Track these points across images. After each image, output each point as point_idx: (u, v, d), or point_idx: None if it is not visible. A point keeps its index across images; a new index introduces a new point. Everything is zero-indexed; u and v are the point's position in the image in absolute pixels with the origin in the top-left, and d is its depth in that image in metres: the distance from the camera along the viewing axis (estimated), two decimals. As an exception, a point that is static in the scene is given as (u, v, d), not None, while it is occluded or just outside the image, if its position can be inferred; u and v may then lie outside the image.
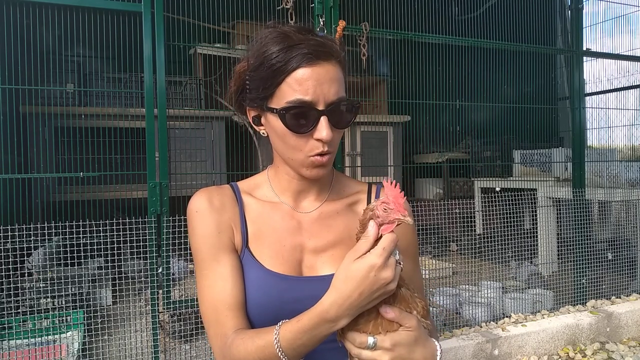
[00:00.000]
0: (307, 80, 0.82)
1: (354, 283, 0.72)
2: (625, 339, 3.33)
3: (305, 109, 0.83)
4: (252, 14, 2.91)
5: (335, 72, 0.86)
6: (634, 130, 4.33)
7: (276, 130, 0.88)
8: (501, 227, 3.36)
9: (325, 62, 0.84)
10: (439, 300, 3.29)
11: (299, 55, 0.82)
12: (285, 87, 0.84)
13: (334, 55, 0.86)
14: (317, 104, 0.84)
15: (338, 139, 0.89)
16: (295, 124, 0.84)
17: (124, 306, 2.65)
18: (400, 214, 0.73)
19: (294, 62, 0.82)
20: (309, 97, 0.83)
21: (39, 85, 2.78)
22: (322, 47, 0.84)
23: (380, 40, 3.58)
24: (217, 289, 0.87)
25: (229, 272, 0.88)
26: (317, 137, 0.84)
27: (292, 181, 0.95)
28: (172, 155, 3.06)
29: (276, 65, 0.83)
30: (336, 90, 0.85)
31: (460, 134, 5.22)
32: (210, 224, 0.91)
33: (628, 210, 3.99)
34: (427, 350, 0.78)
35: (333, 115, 0.85)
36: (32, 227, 2.18)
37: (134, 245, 2.36)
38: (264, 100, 0.88)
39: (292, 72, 0.83)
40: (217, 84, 3.60)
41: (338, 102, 0.85)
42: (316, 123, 0.84)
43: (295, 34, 0.85)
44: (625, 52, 4.36)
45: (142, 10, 2.39)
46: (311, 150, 0.86)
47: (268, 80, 0.85)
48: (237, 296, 0.87)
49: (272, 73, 0.84)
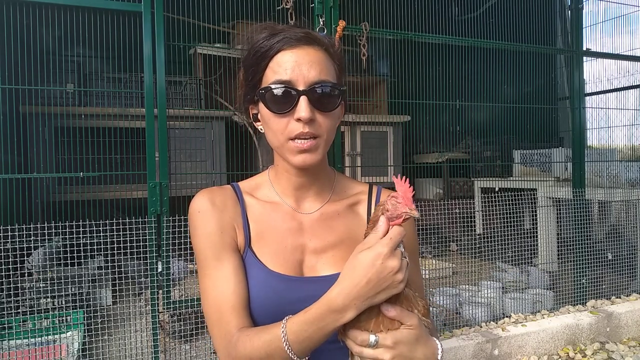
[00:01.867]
0: (287, 62, 0.85)
1: (361, 271, 0.73)
2: (625, 339, 3.33)
3: (284, 89, 0.84)
4: (252, 14, 2.91)
5: (317, 56, 0.87)
6: (633, 130, 4.33)
7: (264, 118, 0.89)
8: (501, 227, 3.36)
9: (307, 46, 0.87)
10: (439, 300, 3.29)
11: (281, 41, 0.86)
12: (269, 71, 0.87)
13: (317, 42, 0.88)
14: (297, 84, 0.85)
15: (326, 124, 0.88)
16: (275, 104, 0.85)
17: (124, 306, 2.65)
18: (408, 207, 0.73)
19: (275, 47, 0.86)
20: (287, 77, 0.85)
21: (39, 85, 2.78)
22: (305, 33, 0.87)
23: (380, 40, 3.58)
24: (220, 288, 0.87)
25: (231, 271, 0.88)
26: (297, 116, 0.84)
27: (291, 178, 0.95)
28: (172, 155, 3.06)
29: (260, 51, 0.87)
30: (317, 72, 0.86)
31: (460, 134, 5.22)
32: (212, 224, 0.91)
33: (628, 210, 3.99)
34: (428, 348, 0.78)
35: (314, 96, 0.85)
36: (32, 227, 2.18)
37: (134, 245, 2.36)
38: (254, 89, 0.90)
39: (273, 56, 0.86)
40: (217, 84, 3.60)
41: (320, 82, 0.85)
42: (296, 103, 0.85)
43: (280, 25, 0.89)
44: (625, 52, 4.36)
45: (142, 10, 2.39)
46: (291, 132, 0.85)
47: (255, 67, 0.88)
48: (240, 295, 0.87)
49: (257, 60, 0.87)
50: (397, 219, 0.74)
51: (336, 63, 0.91)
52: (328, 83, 0.86)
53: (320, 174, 0.97)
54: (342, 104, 0.91)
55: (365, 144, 4.02)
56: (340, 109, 0.92)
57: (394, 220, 0.75)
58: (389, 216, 0.75)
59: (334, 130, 0.92)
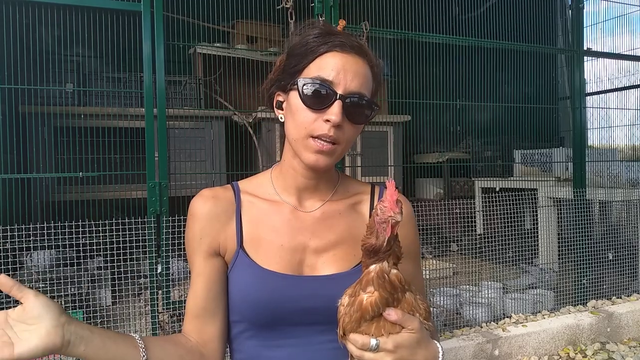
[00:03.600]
0: (335, 64, 0.85)
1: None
2: (626, 339, 3.33)
3: (324, 87, 0.85)
4: (252, 13, 2.91)
5: (363, 68, 0.88)
6: (634, 130, 4.33)
7: (292, 108, 0.89)
8: (502, 227, 3.36)
9: (357, 55, 0.87)
10: (440, 300, 3.29)
11: (333, 42, 0.86)
12: (313, 66, 0.87)
13: (367, 57, 0.89)
14: (337, 87, 0.85)
15: (349, 134, 0.88)
16: (310, 98, 0.85)
17: (123, 306, 2.64)
18: (393, 211, 0.73)
19: (326, 46, 0.86)
20: (330, 78, 0.85)
21: (39, 85, 2.78)
22: (359, 44, 0.88)
23: (380, 40, 3.57)
24: (190, 291, 0.94)
25: (194, 279, 0.93)
26: (327, 117, 0.84)
27: (297, 177, 0.94)
28: (171, 155, 3.05)
29: (310, 45, 0.87)
30: (359, 83, 0.86)
31: (461, 133, 5.21)
32: (194, 229, 0.93)
33: (629, 210, 3.99)
34: (429, 352, 0.78)
35: (349, 104, 0.85)
36: (32, 227, 2.18)
37: (133, 245, 2.35)
38: (292, 77, 0.89)
39: (322, 54, 0.87)
40: (216, 84, 3.59)
41: (358, 94, 0.86)
42: (330, 104, 0.85)
43: (337, 30, 0.90)
44: (626, 51, 4.36)
45: (141, 10, 2.39)
46: (315, 130, 0.85)
47: (301, 57, 0.88)
48: (195, 303, 0.92)
49: (305, 52, 0.88)
50: (385, 224, 0.74)
51: (375, 81, 0.92)
52: (365, 97, 0.87)
53: (325, 176, 0.97)
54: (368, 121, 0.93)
55: (365, 144, 4.01)
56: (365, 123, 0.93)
57: (383, 226, 0.74)
58: (378, 221, 0.75)
59: (352, 143, 0.93)
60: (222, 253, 0.93)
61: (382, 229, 0.74)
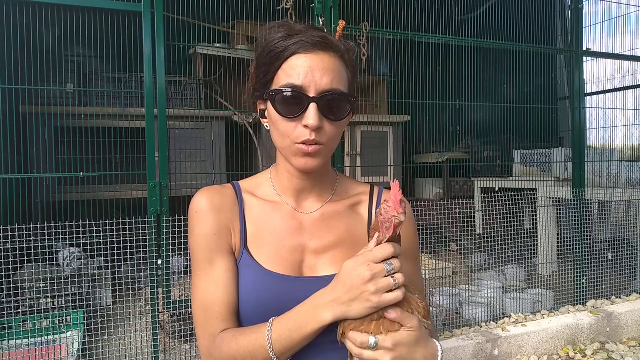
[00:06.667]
0: (300, 67, 0.84)
1: (340, 275, 0.78)
2: (626, 339, 3.33)
3: (295, 94, 0.84)
4: (252, 14, 2.91)
5: (331, 63, 0.86)
6: (634, 130, 4.33)
7: (271, 118, 0.89)
8: (501, 227, 3.36)
9: (322, 51, 0.85)
10: (439, 300, 3.29)
11: (297, 43, 0.84)
12: (281, 73, 0.86)
13: (333, 49, 0.87)
14: (308, 90, 0.84)
15: (332, 132, 0.87)
16: (284, 108, 0.85)
17: (124, 306, 2.65)
18: (396, 211, 0.73)
19: (290, 49, 0.84)
20: (300, 82, 0.84)
21: (39, 85, 2.78)
22: (321, 38, 0.86)
23: (380, 40, 3.58)
24: (209, 291, 0.89)
25: (222, 275, 0.89)
26: (305, 123, 0.84)
27: (293, 179, 0.94)
28: (172, 155, 3.06)
29: (275, 51, 0.86)
30: (330, 80, 0.85)
31: (460, 133, 5.21)
32: (208, 225, 0.91)
33: (628, 210, 3.99)
34: (428, 350, 0.78)
35: (324, 104, 0.84)
36: (32, 227, 2.18)
37: (134, 245, 2.35)
38: (265, 88, 0.89)
39: (288, 58, 0.85)
40: (217, 84, 3.60)
41: (331, 91, 0.85)
42: (305, 109, 0.84)
43: (297, 26, 0.88)
44: (625, 52, 4.36)
45: (142, 10, 2.39)
46: (298, 137, 0.85)
47: (268, 66, 0.87)
48: (227, 300, 0.88)
49: (271, 59, 0.86)
50: (388, 223, 0.75)
51: (350, 70, 0.90)
52: (339, 92, 0.86)
53: (322, 176, 0.97)
54: (351, 113, 0.91)
55: (365, 144, 4.01)
56: (348, 117, 0.91)
57: (385, 225, 0.75)
58: (382, 220, 0.76)
59: (339, 138, 0.92)
60: (233, 248, 0.93)
61: (385, 228, 0.75)
